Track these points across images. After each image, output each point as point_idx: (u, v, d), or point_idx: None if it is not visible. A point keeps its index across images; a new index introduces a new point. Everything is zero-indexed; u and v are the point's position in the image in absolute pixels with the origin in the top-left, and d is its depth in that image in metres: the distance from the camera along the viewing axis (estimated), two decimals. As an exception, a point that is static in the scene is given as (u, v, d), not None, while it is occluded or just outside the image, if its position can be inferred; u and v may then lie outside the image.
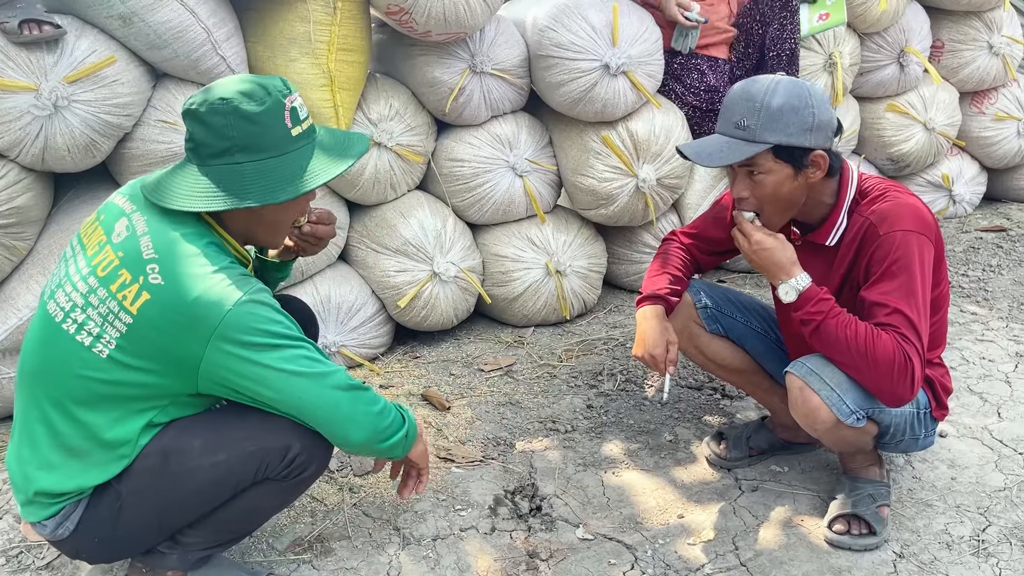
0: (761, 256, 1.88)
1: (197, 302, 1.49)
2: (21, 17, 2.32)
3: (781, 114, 1.80)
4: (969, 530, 2.00)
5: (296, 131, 1.62)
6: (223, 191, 1.56)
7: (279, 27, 2.71)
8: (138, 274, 1.53)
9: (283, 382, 1.55)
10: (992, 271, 3.49)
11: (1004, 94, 4.01)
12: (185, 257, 1.53)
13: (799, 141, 1.81)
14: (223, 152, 1.57)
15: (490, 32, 2.97)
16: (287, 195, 1.59)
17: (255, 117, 1.56)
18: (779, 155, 1.82)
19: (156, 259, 1.53)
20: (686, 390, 2.69)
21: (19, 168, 2.48)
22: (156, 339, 1.52)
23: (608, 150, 3.06)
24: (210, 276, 1.52)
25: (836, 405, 1.83)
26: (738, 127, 1.83)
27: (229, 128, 1.55)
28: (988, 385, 2.63)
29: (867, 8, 3.43)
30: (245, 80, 1.60)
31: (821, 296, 1.84)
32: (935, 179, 3.99)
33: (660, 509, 2.14)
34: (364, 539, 2.03)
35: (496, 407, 2.63)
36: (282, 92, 1.60)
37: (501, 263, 3.11)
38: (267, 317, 1.54)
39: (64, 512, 1.63)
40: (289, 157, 1.60)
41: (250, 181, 1.57)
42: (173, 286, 1.51)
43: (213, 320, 1.49)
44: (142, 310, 1.52)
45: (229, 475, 1.63)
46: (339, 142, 1.72)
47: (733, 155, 1.83)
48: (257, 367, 1.53)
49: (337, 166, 1.65)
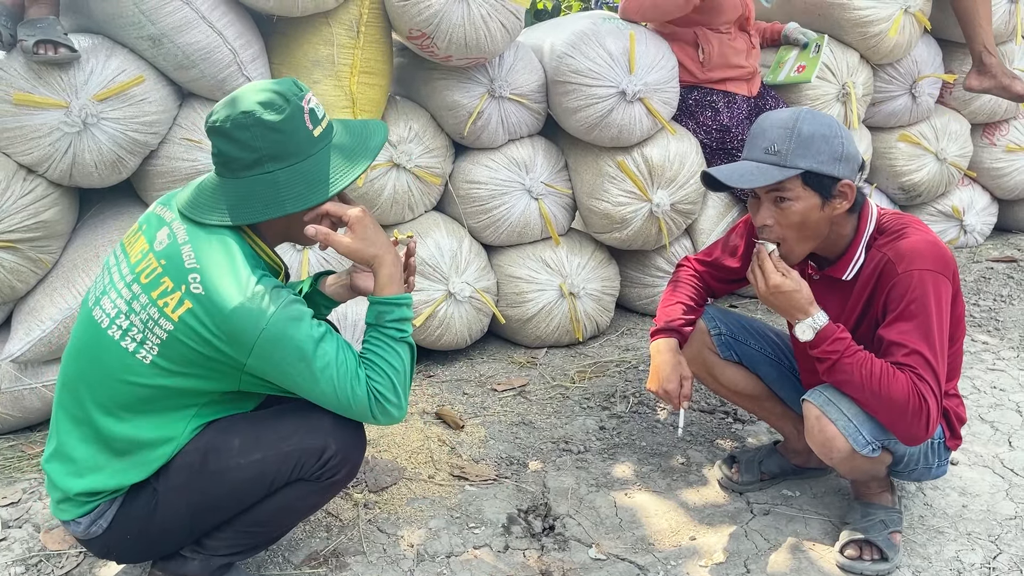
0: (778, 299, 1.87)
1: (235, 316, 1.54)
2: (39, 37, 2.37)
3: (812, 141, 1.82)
4: (980, 557, 2.01)
5: (317, 131, 1.65)
6: (260, 201, 1.61)
7: (303, 50, 2.77)
8: (180, 283, 1.58)
9: (318, 388, 1.62)
10: (1003, 301, 3.50)
11: (1015, 126, 4.04)
12: (225, 268, 1.57)
13: (829, 170, 1.83)
14: (254, 164, 1.61)
15: (509, 58, 3.03)
16: (322, 196, 1.63)
17: (278, 126, 1.59)
18: (808, 182, 1.84)
19: (197, 268, 1.58)
20: (698, 414, 2.71)
21: (47, 183, 2.54)
22: (196, 347, 1.58)
23: (623, 175, 3.10)
24: (248, 289, 1.56)
25: (852, 435, 1.85)
26: (768, 152, 1.85)
27: (256, 140, 1.59)
28: (999, 414, 2.64)
29: (880, 40, 3.48)
30: (261, 89, 1.63)
31: (837, 335, 1.84)
32: (946, 209, 4.02)
33: (672, 531, 2.16)
34: (379, 554, 2.05)
35: (509, 427, 2.66)
36: (298, 95, 1.63)
37: (515, 284, 3.15)
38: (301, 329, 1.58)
39: (99, 510, 1.68)
40: (316, 158, 1.64)
41: (285, 188, 1.61)
42: (213, 297, 1.55)
43: (252, 334, 1.55)
44: (183, 318, 1.57)
45: (264, 474, 1.67)
46: (358, 134, 1.75)
47: (765, 178, 1.84)
48: (294, 376, 1.60)
49: (363, 159, 1.69)
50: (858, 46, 3.53)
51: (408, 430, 2.60)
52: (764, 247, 1.90)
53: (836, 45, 3.52)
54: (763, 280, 1.88)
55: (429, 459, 2.46)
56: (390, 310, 1.71)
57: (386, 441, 2.52)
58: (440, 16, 2.69)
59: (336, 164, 1.66)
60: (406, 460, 2.44)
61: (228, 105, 1.62)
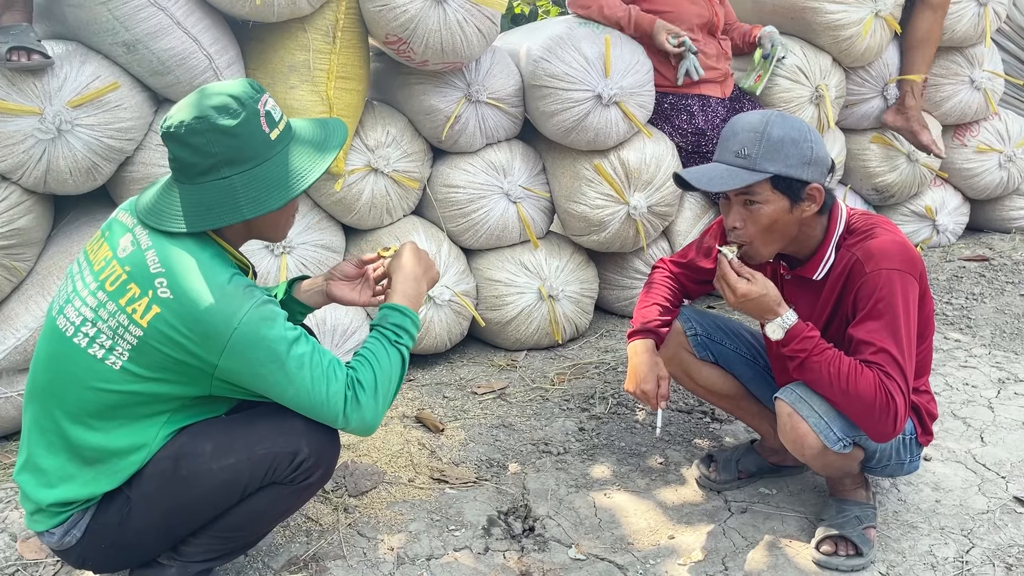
0: (748, 305, 1.89)
1: (207, 316, 1.54)
2: (11, 44, 2.35)
3: (782, 145, 1.85)
4: (953, 552, 2.05)
5: (274, 134, 1.63)
6: (217, 207, 1.60)
7: (280, 55, 2.78)
8: (147, 288, 1.57)
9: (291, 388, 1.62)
10: (975, 299, 3.56)
11: (986, 127, 4.10)
12: (192, 271, 1.57)
13: (798, 173, 1.85)
14: (209, 169, 1.59)
15: (486, 62, 3.04)
16: (279, 201, 1.62)
17: (233, 130, 1.57)
18: (777, 186, 1.86)
19: (163, 273, 1.57)
20: (676, 413, 2.73)
21: (21, 190, 2.52)
22: (167, 351, 1.57)
23: (600, 178, 3.12)
24: (218, 289, 1.56)
25: (823, 432, 1.87)
26: (738, 156, 1.87)
27: (210, 145, 1.57)
28: (971, 410, 2.68)
29: (852, 43, 3.53)
30: (216, 93, 1.60)
31: (806, 334, 1.87)
32: (919, 209, 4.07)
33: (651, 530, 2.17)
34: (359, 558, 2.05)
35: (489, 429, 2.67)
36: (254, 98, 1.61)
37: (494, 287, 3.16)
38: (274, 329, 1.58)
39: (72, 519, 1.66)
40: (273, 162, 1.62)
41: (241, 193, 1.60)
42: (182, 300, 1.55)
43: (224, 335, 1.54)
44: (152, 323, 1.56)
45: (238, 478, 1.66)
46: (318, 133, 1.73)
47: (734, 181, 1.86)
48: (267, 377, 1.60)
49: (322, 161, 1.67)
50: (830, 49, 3.58)
51: (388, 434, 2.60)
52: (724, 256, 1.91)
53: (809, 48, 3.57)
54: (730, 291, 1.89)
55: (409, 463, 2.46)
56: (394, 314, 1.76)
57: (366, 445, 2.53)
58: (416, 21, 2.70)
59: (295, 167, 1.64)
60: (386, 464, 2.44)
61: (182, 110, 1.60)
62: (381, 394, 1.68)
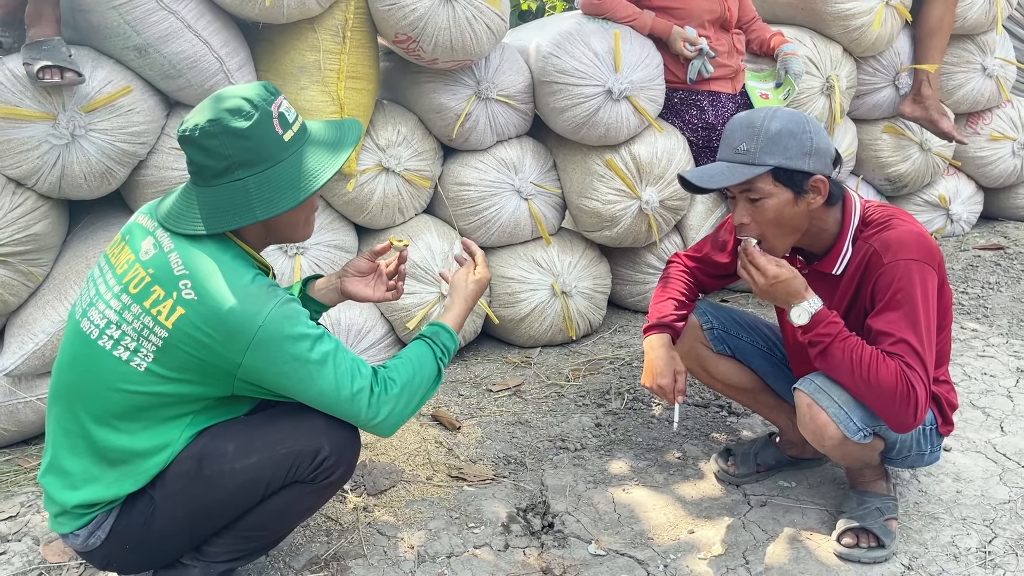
0: (778, 288, 1.88)
1: (231, 316, 1.55)
2: (44, 62, 2.34)
3: (780, 137, 1.84)
4: (976, 542, 2.03)
5: (288, 136, 1.65)
6: (232, 209, 1.61)
7: (290, 56, 2.78)
8: (171, 290, 1.58)
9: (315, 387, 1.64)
10: (991, 288, 3.54)
11: (999, 115, 4.08)
12: (215, 272, 1.58)
13: (798, 165, 1.85)
14: (224, 171, 1.61)
15: (495, 59, 3.04)
16: (291, 202, 1.63)
17: (245, 132, 1.59)
18: (778, 179, 1.86)
19: (187, 275, 1.59)
20: (693, 408, 2.73)
21: (36, 196, 2.53)
22: (192, 351, 1.58)
23: (611, 173, 3.11)
24: (241, 290, 1.57)
25: (843, 422, 1.87)
26: (738, 152, 1.88)
27: (224, 148, 1.59)
28: (990, 400, 2.67)
29: (862, 33, 3.51)
30: (230, 96, 1.62)
31: (831, 319, 1.86)
32: (932, 199, 4.05)
33: (670, 525, 2.17)
34: (380, 557, 2.05)
35: (506, 426, 2.67)
36: (267, 100, 1.62)
37: (507, 285, 3.16)
38: (297, 327, 1.60)
39: (96, 521, 1.68)
40: (286, 163, 1.64)
41: (255, 195, 1.61)
42: (207, 301, 1.56)
43: (248, 334, 1.56)
44: (177, 324, 1.57)
45: (260, 477, 1.67)
46: (333, 135, 1.75)
47: (733, 177, 1.87)
48: (291, 375, 1.61)
49: (334, 161, 1.68)
50: (841, 39, 3.56)
51: (405, 432, 2.60)
52: (748, 243, 1.91)
53: (819, 39, 3.55)
54: (760, 274, 1.88)
55: (427, 461, 2.46)
56: (445, 335, 1.85)
57: (383, 444, 2.53)
58: (425, 20, 2.70)
59: (307, 168, 1.66)
60: (404, 462, 2.45)
61: (198, 113, 1.62)
62: (407, 395, 1.71)
